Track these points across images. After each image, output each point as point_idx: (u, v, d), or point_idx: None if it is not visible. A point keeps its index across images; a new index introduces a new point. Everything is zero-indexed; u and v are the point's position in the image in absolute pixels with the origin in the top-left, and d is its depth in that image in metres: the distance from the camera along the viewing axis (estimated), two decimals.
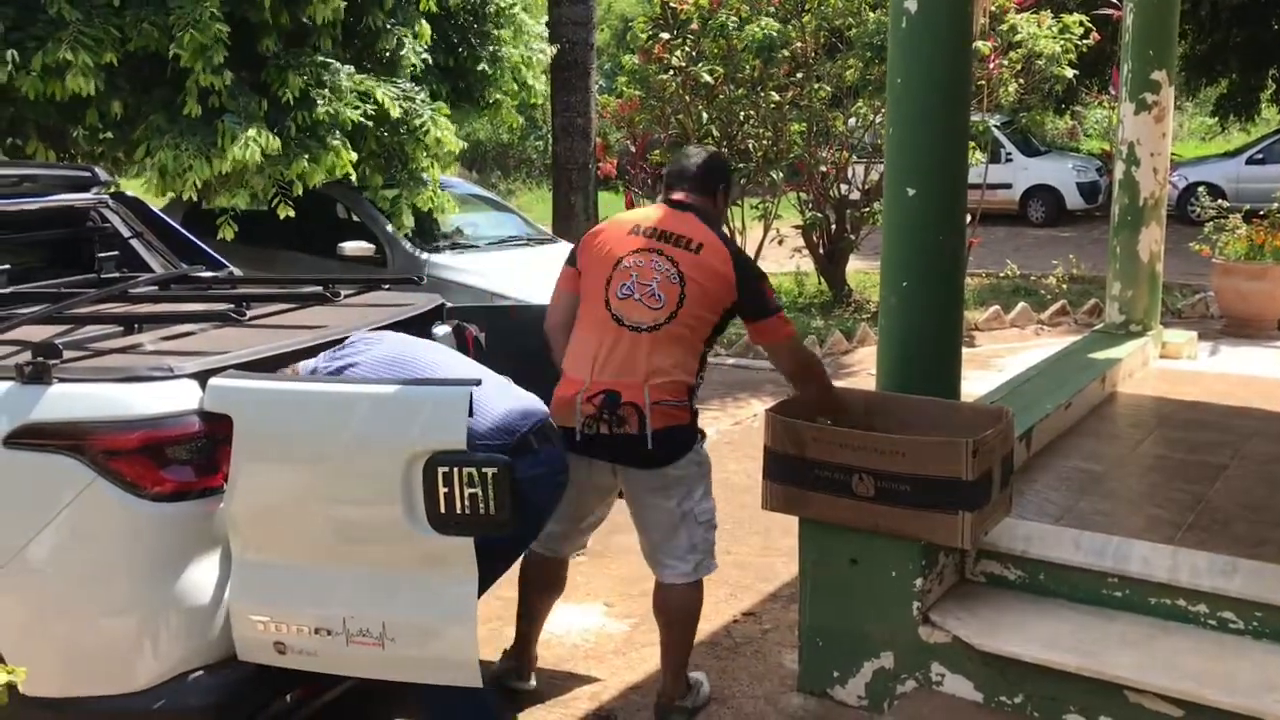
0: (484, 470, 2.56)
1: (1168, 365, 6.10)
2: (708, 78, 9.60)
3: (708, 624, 4.08)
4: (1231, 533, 3.59)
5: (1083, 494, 3.97)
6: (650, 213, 3.40)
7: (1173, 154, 8.01)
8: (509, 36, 8.58)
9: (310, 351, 3.12)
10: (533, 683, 3.65)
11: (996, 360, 8.21)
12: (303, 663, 2.76)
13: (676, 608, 3.41)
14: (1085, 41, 9.66)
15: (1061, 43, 9.47)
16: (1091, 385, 5.06)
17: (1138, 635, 3.22)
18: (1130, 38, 5.96)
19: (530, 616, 3.63)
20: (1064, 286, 10.50)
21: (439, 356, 3.09)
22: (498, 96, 8.67)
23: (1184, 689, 2.98)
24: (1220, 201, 9.46)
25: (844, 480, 3.35)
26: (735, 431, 6.74)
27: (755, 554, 4.76)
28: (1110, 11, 9.83)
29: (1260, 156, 16.68)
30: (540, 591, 3.61)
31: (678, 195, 3.42)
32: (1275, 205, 8.83)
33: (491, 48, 8.49)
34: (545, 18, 9.62)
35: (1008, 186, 16.87)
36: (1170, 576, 3.29)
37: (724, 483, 5.72)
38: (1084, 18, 9.69)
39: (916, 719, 3.32)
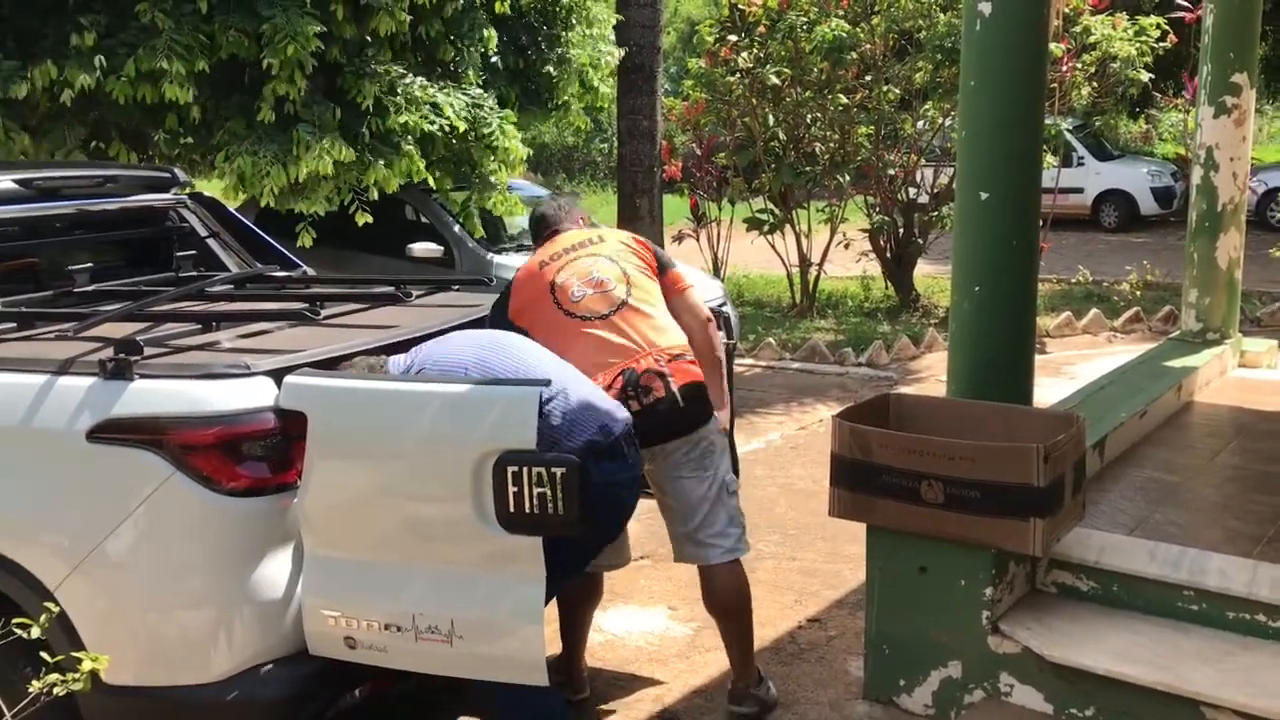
0: (553, 470, 2.57)
1: (1247, 374, 5.95)
2: (775, 80, 9.58)
3: (772, 629, 4.08)
4: None
5: (1158, 504, 3.89)
6: (541, 251, 3.52)
7: (1252, 158, 7.81)
8: (578, 39, 8.62)
9: (386, 350, 3.16)
10: (587, 691, 3.65)
11: (1069, 367, 8.08)
12: (372, 658, 2.79)
13: (728, 589, 3.41)
14: (1162, 44, 9.48)
15: (1137, 45, 9.30)
16: (1167, 394, 4.96)
17: (1215, 650, 3.14)
18: (1210, 39, 5.82)
19: (574, 628, 3.64)
20: (1138, 293, 10.31)
21: (516, 340, 3.12)
22: (566, 99, 8.71)
23: (1264, 706, 2.91)
24: None
25: (912, 486, 3.32)
26: (800, 436, 6.70)
27: (821, 560, 4.73)
28: (1186, 13, 9.63)
29: None
30: (581, 604, 3.61)
31: (560, 227, 3.58)
32: None
33: (560, 50, 8.54)
34: (615, 18, 9.65)
35: (1079, 191, 16.57)
36: (1249, 591, 3.21)
37: (789, 488, 5.70)
38: (1161, 20, 9.51)
39: None
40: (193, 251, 4.34)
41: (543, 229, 3.64)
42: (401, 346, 3.20)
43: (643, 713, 3.57)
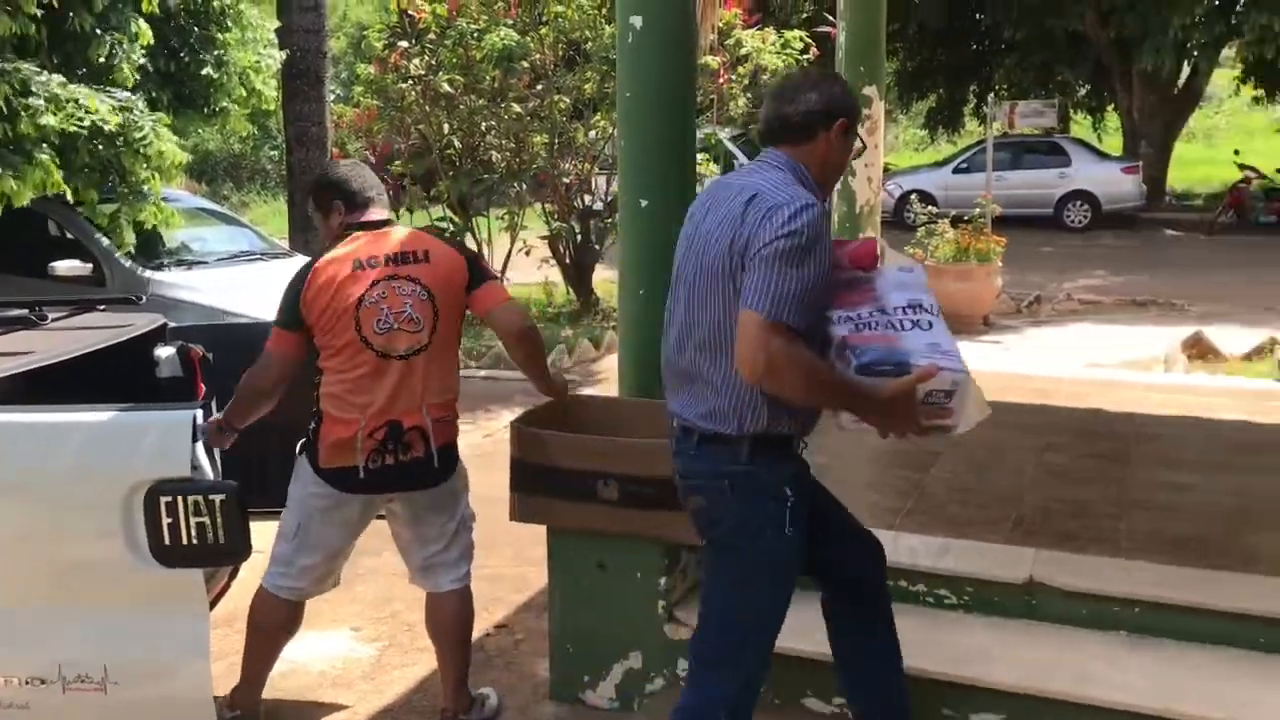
0: (211, 498, 2.45)
1: None
2: (448, 87, 9.54)
3: None
4: (945, 515, 3.89)
5: None
6: (363, 245, 3.20)
7: (888, 163, 8.57)
8: (235, 40, 8.22)
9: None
10: None
11: None
12: (15, 717, 2.55)
13: (455, 615, 3.39)
14: (806, 56, 10.21)
15: (784, 58, 9.98)
16: None
17: None
18: (844, 55, 6.36)
19: (267, 659, 3.40)
20: None
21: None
22: (225, 104, 8.29)
23: (905, 664, 3.18)
24: (930, 208, 10.21)
25: (589, 486, 3.41)
26: (486, 444, 6.71)
27: (507, 565, 4.75)
28: (828, 29, 10.43)
29: (965, 166, 18.13)
30: (281, 632, 3.38)
31: (376, 214, 3.28)
32: (977, 211, 9.63)
33: (217, 52, 8.12)
34: (275, 24, 9.28)
35: None
36: (891, 559, 3.48)
37: (476, 496, 5.63)
38: (804, 34, 10.25)
39: (666, 716, 3.40)
40: None
41: (352, 204, 3.25)
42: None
43: None
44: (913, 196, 16.06)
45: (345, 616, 4.29)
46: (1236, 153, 19.43)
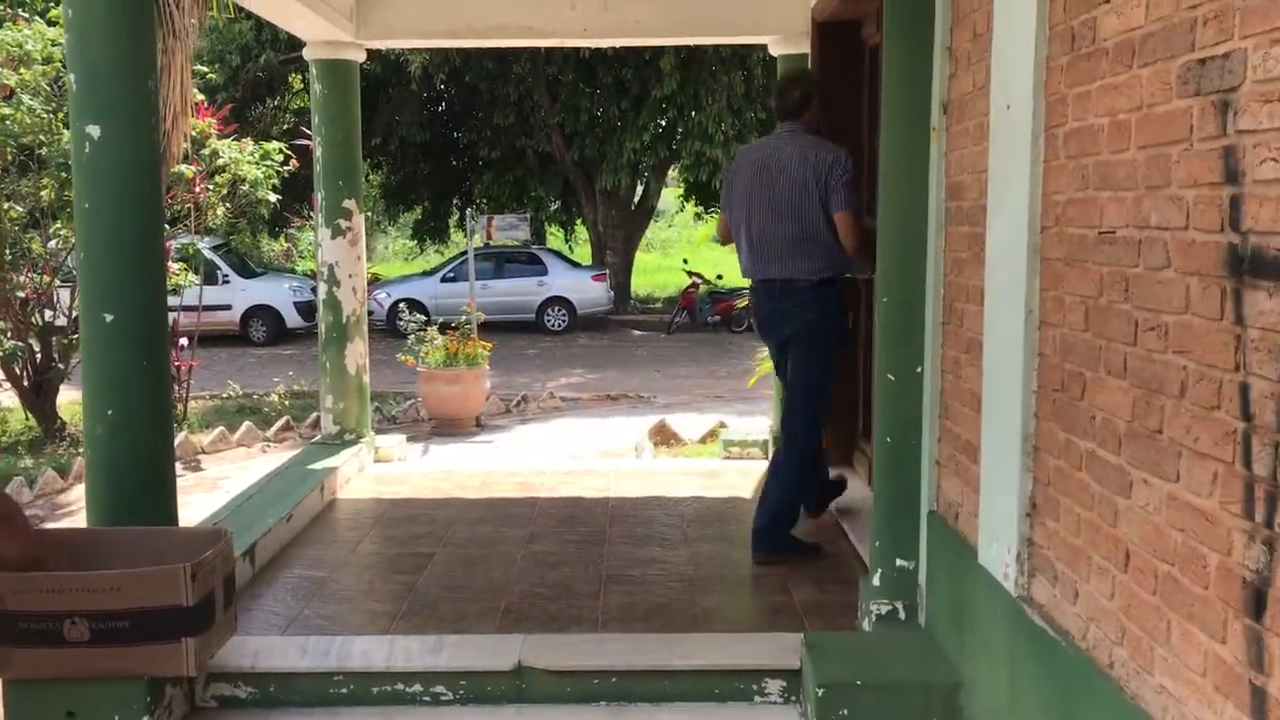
0: None
1: (381, 469, 6.59)
2: None
3: None
4: (439, 613, 4.00)
5: (308, 600, 4.14)
6: None
7: (376, 273, 8.72)
8: None
9: None
10: None
11: (224, 482, 8.15)
12: None
13: None
14: (286, 168, 10.17)
15: (264, 168, 9.87)
16: (311, 496, 5.30)
17: None
18: (322, 168, 6.46)
19: None
20: (286, 403, 10.80)
21: None
22: None
23: None
24: (421, 316, 10.47)
25: (54, 629, 3.14)
26: None
27: None
28: (307, 142, 10.49)
29: (452, 275, 18.86)
30: None
31: None
32: (464, 318, 10.07)
33: None
34: None
35: (227, 308, 16.96)
36: (387, 664, 3.55)
37: None
38: (283, 145, 10.22)
39: None
40: None
41: None
42: None
43: None
44: (403, 305, 16.41)
45: None
46: (685, 261, 22.19)
